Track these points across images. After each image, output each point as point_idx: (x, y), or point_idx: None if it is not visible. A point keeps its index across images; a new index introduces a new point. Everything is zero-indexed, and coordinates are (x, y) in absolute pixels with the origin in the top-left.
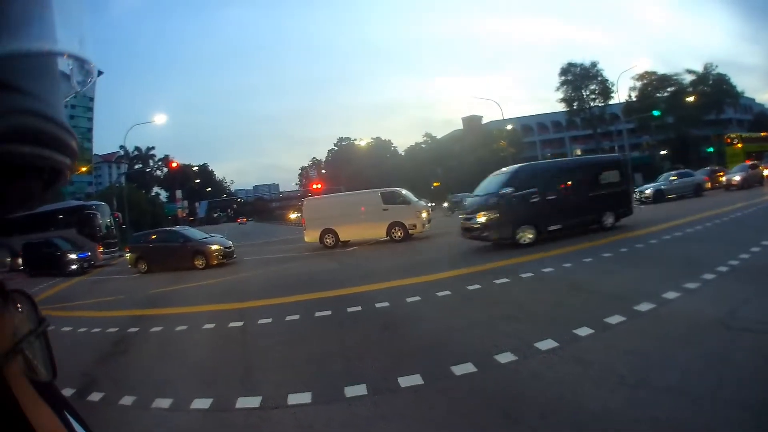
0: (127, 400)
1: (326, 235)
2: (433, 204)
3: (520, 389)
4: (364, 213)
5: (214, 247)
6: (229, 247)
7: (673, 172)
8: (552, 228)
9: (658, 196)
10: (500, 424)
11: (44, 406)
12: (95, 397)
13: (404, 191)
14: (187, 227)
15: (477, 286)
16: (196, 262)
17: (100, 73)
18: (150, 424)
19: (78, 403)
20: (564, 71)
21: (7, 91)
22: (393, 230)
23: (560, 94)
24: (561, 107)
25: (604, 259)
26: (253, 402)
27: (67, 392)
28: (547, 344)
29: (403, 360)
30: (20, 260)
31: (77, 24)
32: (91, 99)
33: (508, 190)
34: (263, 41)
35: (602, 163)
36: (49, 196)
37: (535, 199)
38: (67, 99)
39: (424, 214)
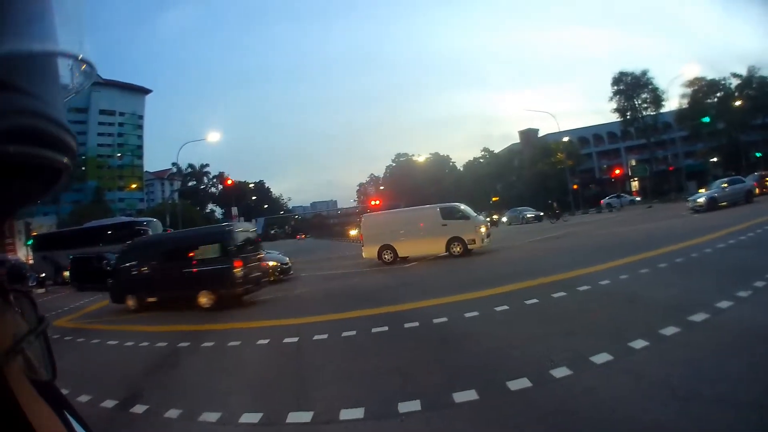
0: (173, 413)
1: (385, 251)
2: (496, 217)
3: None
4: (423, 228)
5: (271, 263)
6: (286, 264)
7: (724, 179)
8: (150, 299)
9: (711, 204)
10: None
11: (44, 406)
12: (139, 409)
13: (463, 206)
14: None
15: (534, 300)
16: None
17: (147, 91)
18: None
19: (120, 414)
20: (616, 81)
21: (7, 91)
22: (452, 245)
23: (614, 104)
24: (615, 117)
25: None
26: (305, 417)
27: (108, 404)
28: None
29: (458, 375)
30: (67, 274)
31: (77, 24)
32: (141, 117)
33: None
34: (321, 58)
35: (201, 237)
36: (48, 197)
37: (134, 272)
38: (67, 99)
39: (483, 229)
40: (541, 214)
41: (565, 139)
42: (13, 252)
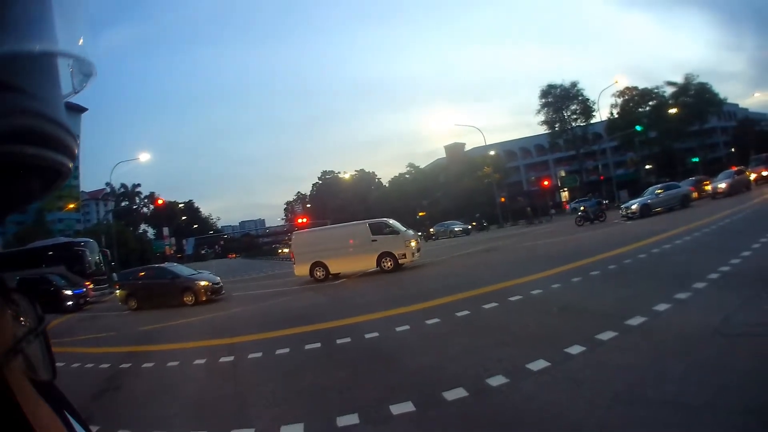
0: None
1: (316, 268)
2: (432, 231)
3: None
4: (353, 245)
5: (203, 283)
6: (218, 283)
7: (658, 186)
8: None
9: (645, 211)
10: None
11: (44, 406)
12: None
13: (392, 221)
14: (175, 264)
15: (466, 312)
16: (185, 299)
17: (83, 109)
18: None
19: None
20: (544, 93)
21: (7, 91)
22: (383, 261)
23: (541, 117)
24: (543, 130)
25: None
26: None
27: None
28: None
29: (394, 388)
30: None
31: (77, 24)
32: (77, 136)
33: None
34: (248, 82)
35: None
36: (48, 196)
37: None
38: (67, 99)
39: (413, 244)
40: (469, 227)
41: (492, 152)
42: None
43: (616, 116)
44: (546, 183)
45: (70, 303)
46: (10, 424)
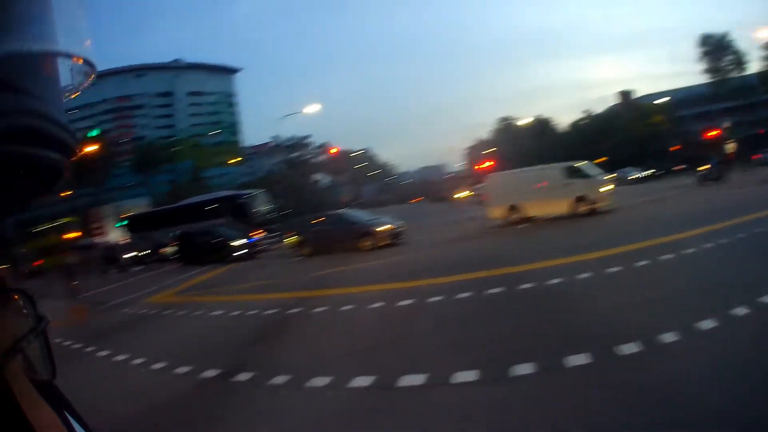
0: (279, 380)
1: (509, 211)
2: (614, 175)
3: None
4: (547, 188)
5: (382, 227)
6: (397, 228)
7: None
8: None
9: None
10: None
11: (44, 406)
12: (243, 377)
13: (585, 165)
14: (352, 210)
15: (646, 262)
16: (363, 244)
17: (236, 70)
18: (300, 402)
19: (221, 383)
20: (702, 42)
21: (7, 91)
22: (576, 205)
23: (701, 66)
24: (700, 80)
25: None
26: (417, 380)
27: (209, 374)
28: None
29: (570, 338)
30: (172, 250)
31: (77, 24)
32: (232, 95)
33: None
34: (422, 34)
35: None
36: (47, 196)
37: None
38: (67, 99)
39: (605, 188)
40: (642, 175)
41: (661, 101)
42: (102, 236)
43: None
44: (712, 133)
45: (239, 252)
46: (10, 424)
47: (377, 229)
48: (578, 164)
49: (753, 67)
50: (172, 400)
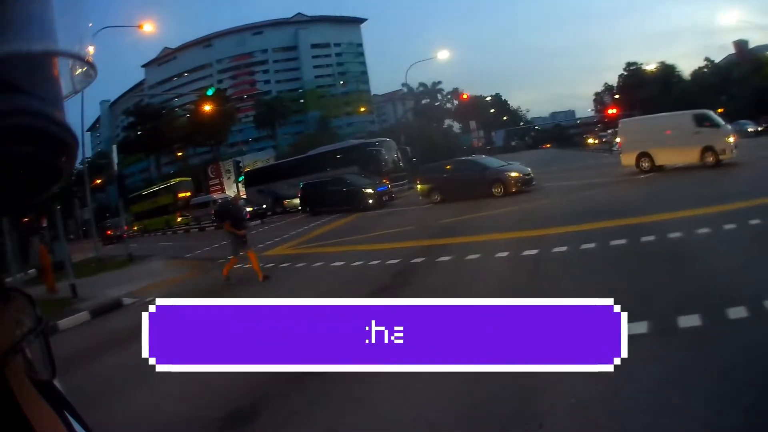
0: None
1: (642, 159)
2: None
3: None
4: (677, 136)
5: (513, 174)
6: (528, 174)
7: None
8: None
9: None
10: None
11: (44, 406)
12: None
13: (713, 114)
14: (483, 156)
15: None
16: (494, 191)
17: (362, 20)
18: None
19: None
20: None
21: (8, 91)
22: (704, 155)
23: None
24: None
25: None
26: None
27: None
28: None
29: (685, 297)
30: (296, 201)
31: (77, 24)
32: (359, 45)
33: None
34: None
35: None
36: (47, 197)
37: None
38: (67, 99)
39: (731, 139)
40: (760, 128)
41: None
42: (220, 191)
43: None
44: None
45: (369, 201)
46: (10, 424)
47: (509, 175)
48: (707, 113)
49: None
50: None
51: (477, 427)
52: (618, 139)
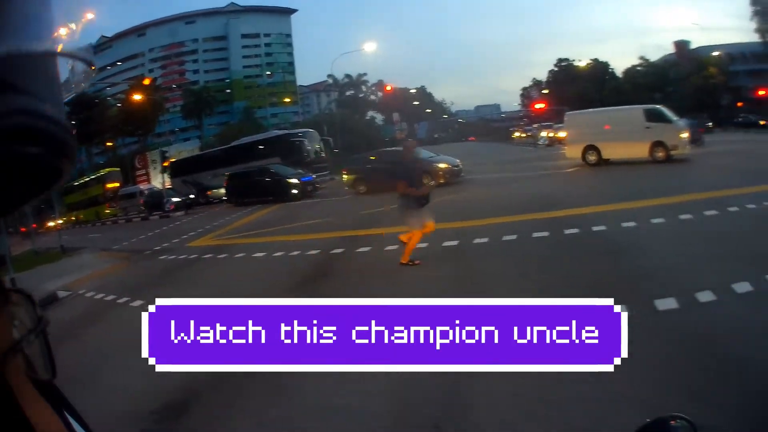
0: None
1: (588, 152)
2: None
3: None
4: (626, 130)
5: (442, 165)
6: (457, 166)
7: None
8: None
9: None
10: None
11: (44, 406)
12: None
13: (665, 109)
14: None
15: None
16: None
17: (292, 11)
18: None
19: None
20: (753, 1)
21: (7, 91)
22: (655, 149)
23: (754, 24)
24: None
25: None
26: None
27: None
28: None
29: (604, 289)
30: (220, 192)
31: (77, 24)
32: (288, 35)
33: None
34: None
35: None
36: (47, 197)
37: None
38: (67, 99)
39: (684, 135)
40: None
41: (716, 53)
42: (146, 182)
43: None
44: (763, 93)
45: (293, 191)
46: (10, 424)
47: (438, 166)
48: (659, 108)
49: None
50: None
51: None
52: (544, 134)
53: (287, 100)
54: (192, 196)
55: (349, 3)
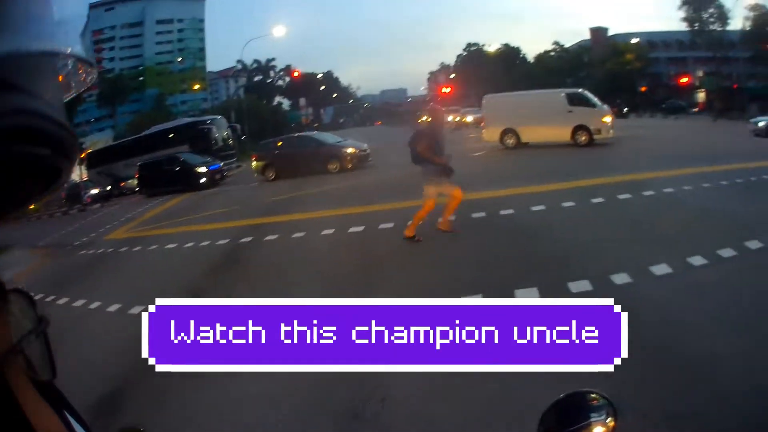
0: None
1: (506, 135)
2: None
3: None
4: (547, 114)
5: (349, 150)
6: (365, 150)
7: None
8: None
9: None
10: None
11: (45, 406)
12: None
13: (588, 93)
14: (318, 132)
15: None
16: (329, 167)
17: None
18: None
19: None
20: None
21: (7, 91)
22: (577, 133)
23: (682, 13)
24: (683, 26)
25: None
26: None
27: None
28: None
29: (520, 272)
30: (134, 183)
31: (77, 24)
32: (201, 20)
33: None
34: None
35: None
36: (47, 197)
37: None
38: (67, 99)
39: (608, 119)
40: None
41: (635, 40)
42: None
43: (749, 29)
44: (685, 80)
45: (202, 180)
46: (10, 424)
47: (345, 151)
48: (582, 92)
49: (735, 24)
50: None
51: None
52: (450, 118)
53: (197, 86)
54: (108, 188)
55: None
